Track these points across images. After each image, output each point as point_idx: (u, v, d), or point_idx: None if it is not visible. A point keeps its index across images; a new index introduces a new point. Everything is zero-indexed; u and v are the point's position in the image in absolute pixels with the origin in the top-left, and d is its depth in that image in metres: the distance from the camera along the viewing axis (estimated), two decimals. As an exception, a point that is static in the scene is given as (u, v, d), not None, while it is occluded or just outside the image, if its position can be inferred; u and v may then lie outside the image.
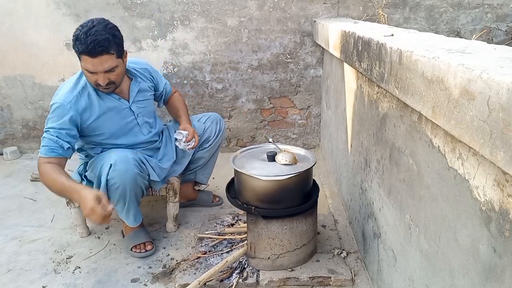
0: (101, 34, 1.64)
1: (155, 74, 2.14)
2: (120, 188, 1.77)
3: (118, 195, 1.79)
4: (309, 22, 2.97)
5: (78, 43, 1.64)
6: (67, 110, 1.75)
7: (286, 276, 1.72)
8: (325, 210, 2.33)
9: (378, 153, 1.57)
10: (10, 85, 3.15)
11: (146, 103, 2.04)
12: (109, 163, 1.75)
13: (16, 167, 3.09)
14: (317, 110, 3.22)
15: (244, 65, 3.08)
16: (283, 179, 1.62)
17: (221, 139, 2.29)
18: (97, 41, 1.62)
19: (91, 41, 1.62)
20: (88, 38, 1.62)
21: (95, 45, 1.62)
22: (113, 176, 1.74)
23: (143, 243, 1.98)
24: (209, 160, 2.31)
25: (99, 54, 1.65)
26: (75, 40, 1.66)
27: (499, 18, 2.98)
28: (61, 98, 1.77)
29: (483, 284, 0.84)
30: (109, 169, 1.74)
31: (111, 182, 1.75)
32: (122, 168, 1.74)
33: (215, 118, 2.26)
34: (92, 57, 1.65)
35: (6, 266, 1.91)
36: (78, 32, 1.65)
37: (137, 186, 1.82)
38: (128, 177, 1.76)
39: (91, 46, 1.62)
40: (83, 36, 1.63)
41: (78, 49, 1.66)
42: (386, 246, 1.50)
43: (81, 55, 1.67)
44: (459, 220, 0.93)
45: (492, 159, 0.69)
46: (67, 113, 1.75)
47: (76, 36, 1.65)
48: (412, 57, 1.04)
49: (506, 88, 0.64)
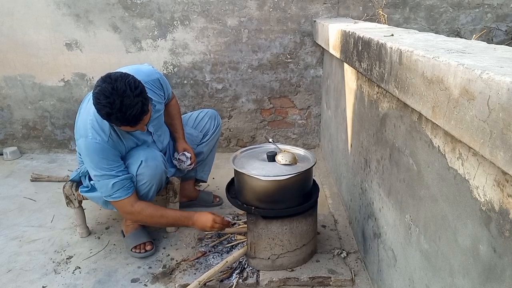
0: (135, 104, 1.55)
1: (163, 81, 2.09)
2: (147, 183, 1.82)
3: (144, 190, 1.84)
4: (309, 22, 2.97)
5: (114, 119, 1.57)
6: (108, 148, 1.73)
7: (286, 276, 1.72)
8: (325, 210, 2.33)
9: (378, 153, 1.57)
10: (10, 85, 3.15)
11: (159, 115, 2.03)
12: (139, 160, 1.78)
13: (16, 167, 3.09)
14: (317, 110, 3.22)
15: (244, 65, 3.08)
16: (283, 179, 1.62)
17: (218, 134, 2.38)
18: (135, 116, 1.57)
19: (131, 117, 1.56)
20: (126, 115, 1.54)
21: (135, 119, 1.59)
22: (143, 172, 1.79)
23: (143, 243, 1.98)
24: (208, 155, 2.36)
25: (139, 122, 1.62)
26: (107, 116, 1.56)
27: (499, 18, 2.98)
28: (97, 138, 1.71)
29: (483, 284, 0.84)
30: (139, 165, 1.78)
31: (140, 178, 1.80)
32: (153, 164, 1.80)
33: (212, 113, 2.36)
34: (133, 127, 1.63)
35: (6, 266, 1.91)
36: (107, 108, 1.53)
37: (161, 182, 1.90)
38: (157, 173, 1.83)
39: (132, 121, 1.59)
40: (119, 114, 1.54)
41: (115, 123, 1.61)
42: (386, 246, 1.50)
43: (120, 126, 1.63)
44: (459, 220, 0.93)
45: (492, 159, 0.69)
46: (110, 151, 1.73)
47: (108, 114, 1.54)
48: (412, 57, 1.04)
49: (506, 88, 0.64)
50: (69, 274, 1.84)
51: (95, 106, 1.57)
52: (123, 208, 1.81)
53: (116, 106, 1.52)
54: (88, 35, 3.00)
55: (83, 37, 3.01)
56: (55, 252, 2.01)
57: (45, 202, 2.52)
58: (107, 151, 1.72)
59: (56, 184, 2.71)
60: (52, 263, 1.93)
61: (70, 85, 3.13)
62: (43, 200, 2.55)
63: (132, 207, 1.78)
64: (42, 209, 2.43)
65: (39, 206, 2.48)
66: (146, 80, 1.92)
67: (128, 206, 1.78)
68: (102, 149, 1.71)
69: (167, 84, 2.15)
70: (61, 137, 3.30)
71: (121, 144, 1.82)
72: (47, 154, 3.31)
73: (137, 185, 1.82)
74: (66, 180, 2.24)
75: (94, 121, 1.72)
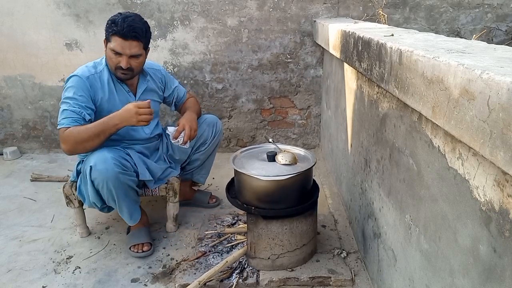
0: (137, 23, 1.83)
1: (167, 77, 2.21)
2: (105, 187, 1.80)
3: (105, 194, 1.83)
4: (309, 22, 2.97)
5: (113, 25, 1.79)
6: (83, 82, 1.85)
7: (286, 276, 1.72)
8: (325, 210, 2.33)
9: (378, 153, 1.57)
10: (10, 85, 3.15)
11: (152, 104, 2.03)
12: (89, 165, 1.78)
13: (16, 167, 3.09)
14: (317, 110, 3.22)
15: (244, 65, 3.08)
16: (283, 179, 1.62)
17: (217, 141, 2.28)
18: (132, 27, 1.80)
19: (128, 25, 1.79)
20: (125, 23, 1.79)
21: (130, 29, 1.79)
22: (96, 177, 1.78)
23: (141, 244, 1.98)
24: (205, 161, 2.32)
25: (131, 38, 1.81)
26: (111, 23, 1.81)
27: (499, 18, 2.98)
28: (79, 72, 1.88)
29: (483, 284, 0.84)
30: (90, 170, 1.78)
31: (96, 183, 1.80)
32: (102, 168, 1.77)
33: (211, 121, 2.23)
34: (124, 39, 1.80)
35: (6, 266, 1.91)
36: (116, 17, 1.82)
37: (122, 184, 1.82)
38: (109, 176, 1.78)
39: (126, 29, 1.78)
40: (120, 20, 1.79)
41: (112, 30, 1.80)
42: (386, 246, 1.50)
43: (113, 36, 1.80)
44: (459, 220, 0.93)
45: (492, 159, 0.69)
46: (84, 85, 1.85)
47: (113, 20, 1.81)
48: (412, 57, 1.04)
49: (506, 88, 0.64)
50: (69, 274, 1.84)
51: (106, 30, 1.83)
52: (60, 137, 1.80)
53: (122, 16, 1.82)
54: (88, 35, 3.00)
55: (83, 37, 3.01)
56: (55, 252, 2.01)
57: (45, 202, 2.52)
58: (81, 84, 1.85)
59: (56, 184, 2.71)
60: (52, 263, 1.93)
61: (70, 85, 3.13)
62: (43, 200, 2.55)
63: (64, 135, 1.77)
64: (42, 209, 2.44)
65: (39, 206, 2.48)
66: (148, 66, 2.10)
67: (63, 133, 1.78)
68: (77, 79, 1.85)
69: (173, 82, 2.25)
70: (61, 137, 3.30)
71: (105, 87, 1.91)
72: (47, 154, 3.31)
73: (99, 192, 1.83)
74: (66, 180, 2.24)
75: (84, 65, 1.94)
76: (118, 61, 1.84)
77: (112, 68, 1.89)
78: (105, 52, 1.91)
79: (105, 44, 1.89)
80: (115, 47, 1.81)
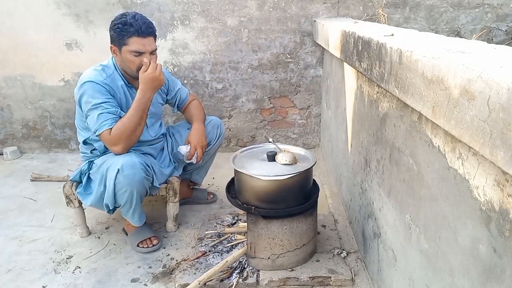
0: (146, 19, 1.83)
1: (170, 79, 2.21)
2: (128, 192, 1.79)
3: (125, 198, 1.82)
4: (309, 22, 2.97)
5: (128, 27, 1.76)
6: (101, 87, 1.81)
7: (286, 276, 1.72)
8: (325, 210, 2.33)
9: (378, 153, 1.57)
10: (10, 85, 3.15)
11: (155, 106, 2.06)
12: (116, 168, 1.75)
13: (16, 167, 3.09)
14: (317, 110, 3.22)
15: (244, 65, 3.08)
16: (283, 179, 1.62)
17: (220, 143, 2.32)
18: (147, 23, 1.80)
19: (142, 23, 1.78)
20: (139, 21, 1.77)
21: (146, 26, 1.79)
22: (121, 181, 1.76)
23: (148, 238, 2.00)
24: (206, 162, 2.34)
25: (149, 35, 1.81)
26: (123, 25, 1.76)
27: (499, 18, 2.97)
28: (92, 77, 1.82)
29: (483, 284, 0.84)
30: (116, 173, 1.75)
31: (119, 187, 1.78)
32: (130, 173, 1.76)
33: (216, 122, 2.27)
34: (143, 37, 1.79)
35: (6, 266, 1.91)
36: (124, 18, 1.78)
37: (143, 189, 1.86)
38: (136, 181, 1.78)
39: (143, 27, 1.78)
40: (132, 20, 1.76)
41: (129, 32, 1.77)
42: (386, 246, 1.50)
43: (131, 37, 1.78)
44: (459, 220, 0.93)
45: (492, 159, 0.69)
46: (104, 89, 1.82)
47: (124, 22, 1.77)
48: (412, 57, 1.04)
49: (506, 88, 0.64)
50: (69, 274, 1.84)
51: (112, 31, 1.80)
52: (108, 140, 1.79)
53: (129, 16, 1.78)
54: (88, 35, 3.00)
55: (83, 37, 3.01)
56: (55, 252, 2.01)
57: (45, 202, 2.52)
58: (100, 88, 1.81)
59: (56, 184, 2.71)
60: (52, 262, 1.93)
61: (70, 85, 3.13)
62: (43, 200, 2.55)
63: (109, 135, 1.77)
64: (42, 209, 2.43)
65: (39, 206, 2.48)
66: None
67: (107, 136, 1.78)
68: (94, 85, 1.80)
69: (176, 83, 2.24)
70: (61, 137, 3.30)
71: (119, 89, 1.89)
72: (47, 154, 3.31)
73: (116, 195, 1.81)
74: (66, 180, 2.24)
75: (90, 71, 1.86)
76: (139, 61, 1.81)
77: (134, 70, 1.84)
78: (116, 58, 1.88)
79: (117, 49, 1.83)
80: (138, 48, 1.79)
